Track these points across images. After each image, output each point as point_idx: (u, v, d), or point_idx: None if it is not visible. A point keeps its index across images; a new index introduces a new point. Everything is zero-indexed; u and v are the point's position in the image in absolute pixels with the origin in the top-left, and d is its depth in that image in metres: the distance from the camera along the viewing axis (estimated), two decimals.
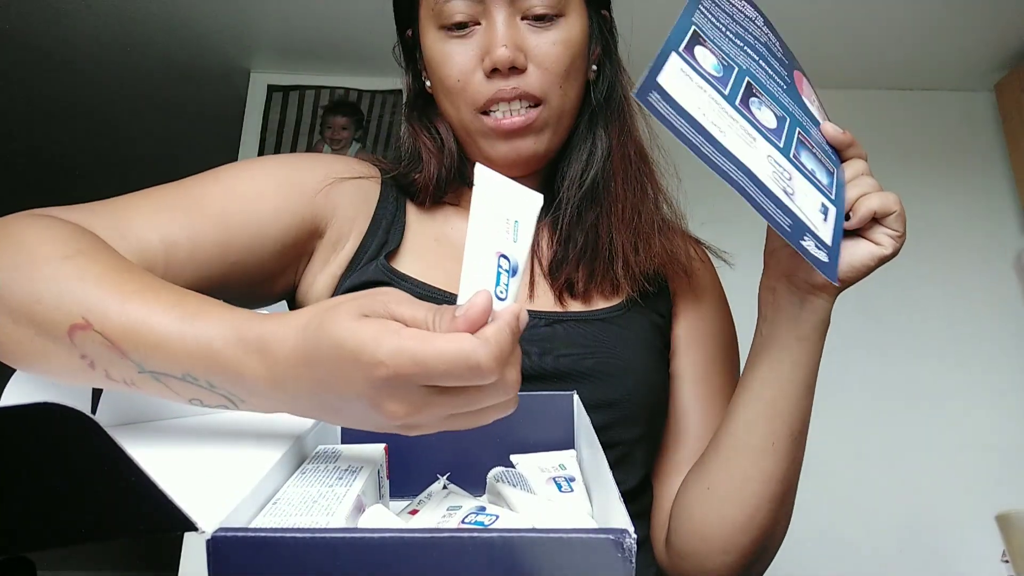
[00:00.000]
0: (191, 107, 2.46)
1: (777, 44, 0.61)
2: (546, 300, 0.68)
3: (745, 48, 0.57)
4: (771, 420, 0.58)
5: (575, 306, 0.68)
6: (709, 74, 0.52)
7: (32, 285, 0.41)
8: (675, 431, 0.70)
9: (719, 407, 0.70)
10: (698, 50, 0.53)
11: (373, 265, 0.64)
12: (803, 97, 0.60)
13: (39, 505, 0.28)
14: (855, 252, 0.54)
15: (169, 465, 0.38)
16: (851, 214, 0.55)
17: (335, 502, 0.35)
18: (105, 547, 3.59)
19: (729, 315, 0.77)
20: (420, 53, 0.71)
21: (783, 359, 0.58)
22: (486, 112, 0.65)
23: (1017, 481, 1.87)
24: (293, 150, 2.21)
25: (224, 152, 2.23)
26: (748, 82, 0.55)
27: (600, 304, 0.68)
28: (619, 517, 0.30)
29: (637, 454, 0.65)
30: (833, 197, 0.53)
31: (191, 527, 0.28)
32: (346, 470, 0.40)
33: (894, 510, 1.89)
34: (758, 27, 0.60)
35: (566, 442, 0.50)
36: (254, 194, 0.62)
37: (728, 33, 0.57)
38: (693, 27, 0.54)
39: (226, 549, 0.28)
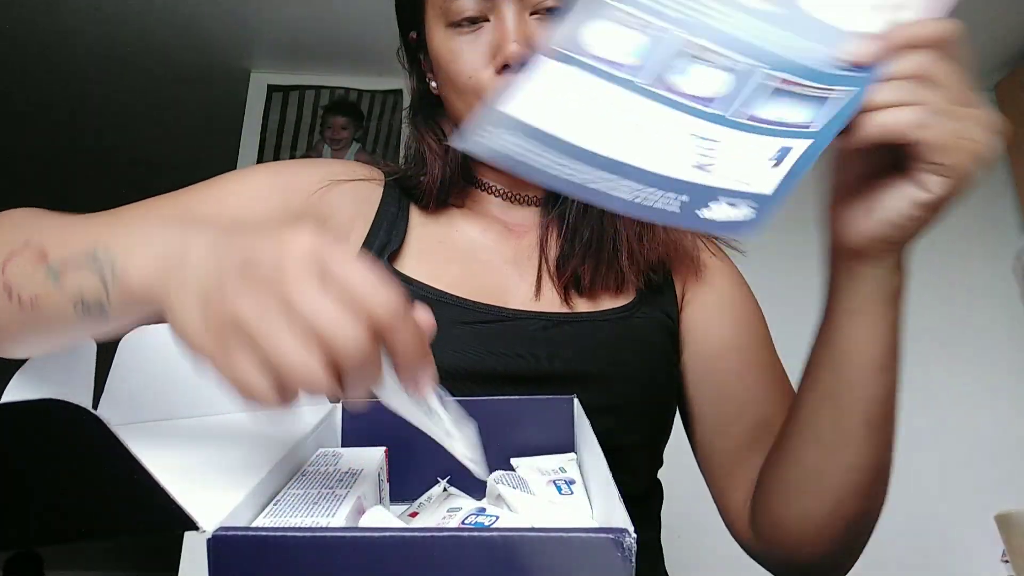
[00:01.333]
0: (191, 107, 2.46)
1: None
2: (552, 300, 0.67)
3: None
4: (836, 407, 0.50)
5: (582, 305, 0.67)
6: (607, 60, 0.40)
7: None
8: (724, 410, 0.67)
9: (760, 372, 0.68)
10: (597, 27, 0.40)
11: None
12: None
13: (41, 501, 0.29)
14: (887, 201, 0.42)
15: (170, 465, 0.38)
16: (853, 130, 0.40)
17: (335, 504, 0.35)
18: (109, 547, 3.59)
19: (750, 293, 0.74)
20: (425, 55, 0.71)
21: (838, 338, 0.49)
22: None
23: (1017, 481, 1.87)
24: (293, 150, 2.22)
25: (224, 151, 2.23)
26: (686, 41, 0.40)
27: (607, 304, 0.68)
28: (619, 517, 0.30)
29: (641, 458, 0.65)
30: (818, 129, 0.40)
31: (192, 526, 0.28)
32: (347, 473, 0.40)
33: (894, 510, 1.88)
34: None
35: (566, 445, 0.50)
36: (247, 196, 0.63)
37: None
38: None
39: (226, 549, 0.28)
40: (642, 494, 0.65)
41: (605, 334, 0.65)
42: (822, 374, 0.51)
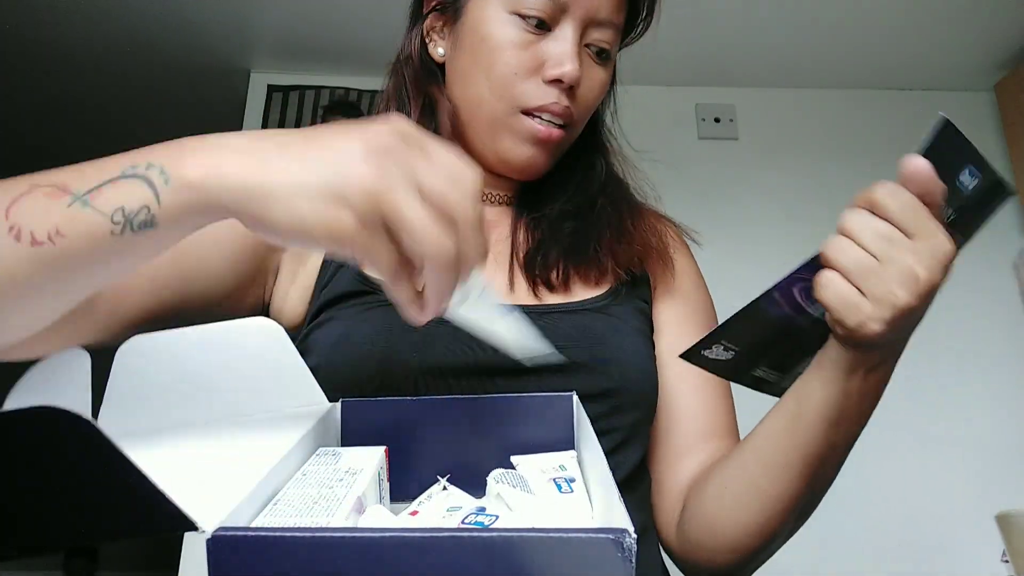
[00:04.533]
0: (191, 107, 2.46)
1: None
2: (525, 294, 0.68)
3: None
4: (788, 441, 0.56)
5: (555, 298, 0.68)
6: None
7: None
8: (668, 414, 0.69)
9: (709, 386, 0.70)
10: None
11: (347, 274, 0.64)
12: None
13: (38, 507, 0.28)
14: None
15: (169, 465, 0.38)
16: None
17: (335, 504, 0.35)
18: (104, 547, 3.59)
19: (707, 294, 0.77)
20: (451, 21, 0.69)
21: (801, 389, 0.55)
22: (527, 114, 0.65)
23: (1017, 481, 1.87)
24: None
25: None
26: None
27: (582, 295, 0.69)
28: (619, 517, 0.30)
29: (636, 440, 0.65)
30: None
31: (191, 527, 0.28)
32: (347, 472, 0.40)
33: (894, 510, 1.89)
34: None
35: (566, 443, 0.50)
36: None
37: None
38: None
39: (226, 549, 0.28)
40: (636, 478, 0.66)
41: (588, 322, 0.66)
42: (783, 413, 0.57)
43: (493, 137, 0.67)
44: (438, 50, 0.70)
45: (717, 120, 2.24)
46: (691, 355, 0.53)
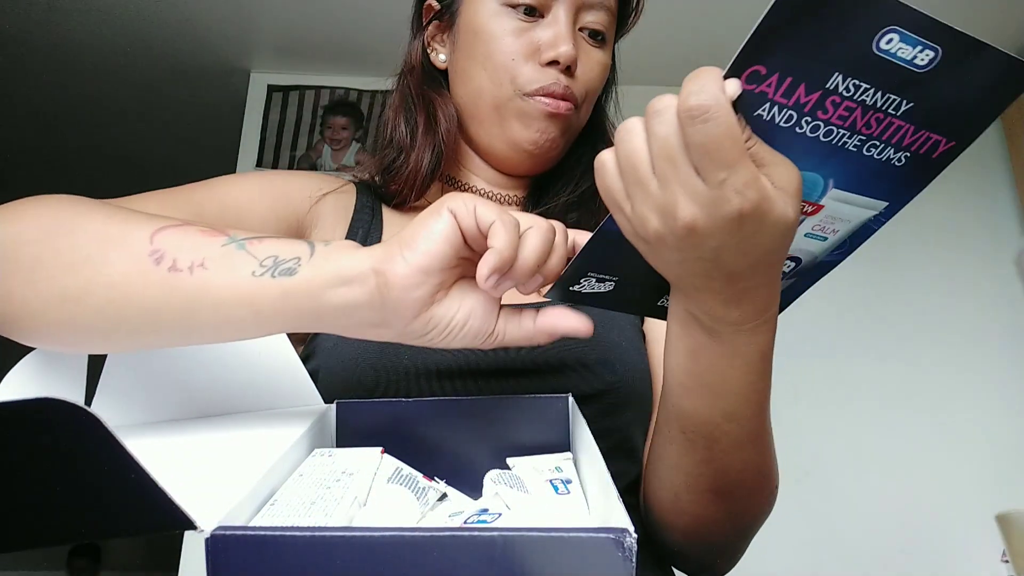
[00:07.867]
0: (191, 107, 2.46)
1: None
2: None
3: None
4: (662, 409, 0.51)
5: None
6: None
7: (110, 216, 0.41)
8: (654, 393, 0.67)
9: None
10: None
11: None
12: None
13: (37, 502, 0.28)
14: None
15: (167, 464, 0.38)
16: None
17: (332, 504, 0.35)
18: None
19: None
20: (448, 25, 0.70)
21: (667, 359, 0.48)
22: (529, 97, 0.65)
23: (1017, 481, 1.87)
24: (293, 150, 2.22)
25: (224, 152, 2.23)
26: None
27: None
28: (619, 517, 0.30)
29: (637, 441, 0.65)
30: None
31: (190, 526, 0.28)
32: (343, 473, 0.40)
33: (894, 510, 1.88)
34: None
35: (562, 444, 0.50)
36: (246, 201, 0.64)
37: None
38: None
39: (225, 548, 0.28)
40: (637, 489, 0.65)
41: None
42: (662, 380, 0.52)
43: (500, 124, 0.67)
44: (440, 57, 0.72)
45: None
46: (560, 292, 0.45)
